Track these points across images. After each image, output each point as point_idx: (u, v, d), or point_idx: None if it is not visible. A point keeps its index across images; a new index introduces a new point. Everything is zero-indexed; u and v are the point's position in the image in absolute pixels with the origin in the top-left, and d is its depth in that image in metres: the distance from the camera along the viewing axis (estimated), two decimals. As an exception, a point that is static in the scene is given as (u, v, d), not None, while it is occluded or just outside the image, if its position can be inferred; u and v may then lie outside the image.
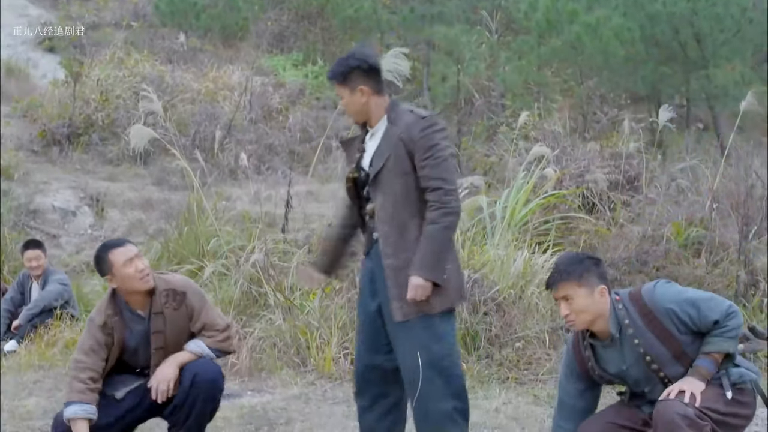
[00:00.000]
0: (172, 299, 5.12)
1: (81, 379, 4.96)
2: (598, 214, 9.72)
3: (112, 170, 13.80)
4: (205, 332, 5.15)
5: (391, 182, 4.74)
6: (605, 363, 4.35)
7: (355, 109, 4.84)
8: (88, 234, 12.06)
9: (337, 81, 4.86)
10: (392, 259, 4.72)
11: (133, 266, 4.98)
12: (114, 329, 5.05)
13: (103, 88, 14.98)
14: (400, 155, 4.72)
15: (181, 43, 18.02)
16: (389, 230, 4.74)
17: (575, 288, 4.23)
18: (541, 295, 7.78)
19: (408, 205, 4.73)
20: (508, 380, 7.09)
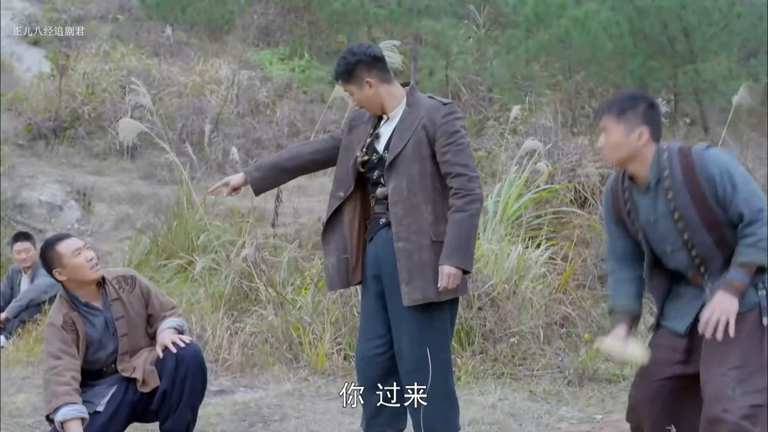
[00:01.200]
0: (124, 283, 5.18)
1: (62, 382, 4.90)
2: (590, 209, 9.66)
3: (98, 164, 13.69)
4: (165, 312, 5.24)
5: (409, 165, 4.74)
6: (637, 210, 4.18)
7: (369, 102, 4.84)
8: (75, 228, 11.95)
9: (343, 80, 4.84)
10: (405, 242, 4.72)
11: (82, 256, 5.03)
12: (75, 323, 5.05)
13: (89, 82, 14.86)
14: (421, 139, 4.74)
15: (168, 36, 17.87)
16: (403, 213, 4.73)
17: (614, 122, 4.09)
18: (535, 290, 7.74)
19: (423, 189, 4.74)
20: (503, 376, 7.04)
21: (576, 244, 8.68)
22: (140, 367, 5.08)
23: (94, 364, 5.15)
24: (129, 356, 5.16)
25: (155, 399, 5.05)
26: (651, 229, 4.16)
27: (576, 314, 7.77)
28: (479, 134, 15.07)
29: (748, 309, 3.99)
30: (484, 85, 17.18)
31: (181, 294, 8.52)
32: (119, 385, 5.10)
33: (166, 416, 5.09)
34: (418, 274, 4.68)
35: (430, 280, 4.69)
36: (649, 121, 4.11)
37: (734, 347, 3.94)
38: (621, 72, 16.25)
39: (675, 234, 4.09)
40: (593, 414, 6.22)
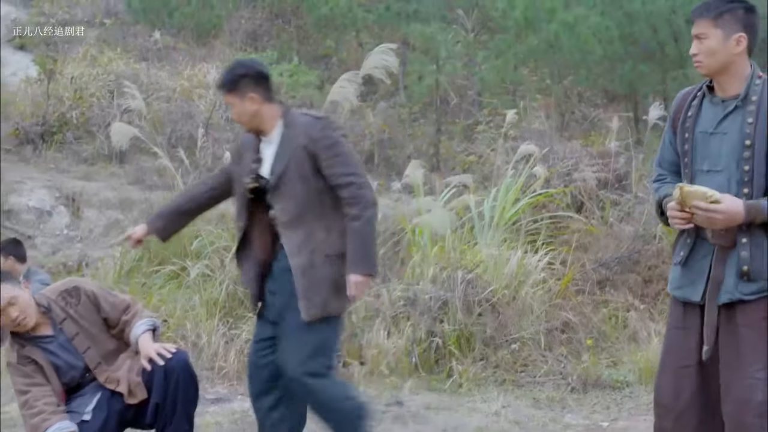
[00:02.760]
0: (69, 297, 5.04)
1: (35, 413, 4.79)
2: (587, 213, 9.61)
3: (87, 169, 13.52)
4: (125, 314, 5.08)
5: (293, 186, 4.72)
6: (697, 118, 3.98)
7: (246, 117, 4.80)
8: (65, 234, 11.80)
9: (226, 89, 4.82)
10: (297, 258, 4.70)
11: (7, 315, 4.84)
12: (31, 356, 4.91)
13: (77, 86, 14.71)
14: (301, 158, 4.71)
15: (155, 40, 17.75)
16: (293, 233, 4.73)
17: (710, 27, 3.88)
18: (535, 296, 7.67)
19: (311, 207, 4.74)
20: (505, 383, 6.97)
21: (575, 249, 8.61)
22: (125, 379, 4.95)
23: (71, 383, 5.02)
24: (106, 364, 5.02)
25: (148, 412, 4.93)
26: (702, 141, 3.95)
27: (577, 320, 7.70)
28: (469, 139, 15.03)
29: (759, 296, 3.81)
30: (473, 89, 17.14)
31: (175, 301, 8.38)
32: (102, 393, 4.98)
33: (162, 427, 4.99)
34: (316, 290, 4.68)
35: (327, 295, 4.71)
36: (747, 28, 3.91)
37: (758, 342, 3.79)
38: (611, 76, 16.20)
39: (730, 158, 3.86)
40: (599, 421, 6.16)
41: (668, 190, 4.02)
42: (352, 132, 14.73)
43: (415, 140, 15.39)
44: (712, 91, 3.98)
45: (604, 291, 8.40)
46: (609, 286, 8.46)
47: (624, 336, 7.75)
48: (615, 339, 7.75)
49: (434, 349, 7.28)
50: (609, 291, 8.39)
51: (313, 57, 19.64)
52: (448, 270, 7.65)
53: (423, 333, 7.29)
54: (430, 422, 6.08)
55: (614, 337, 7.79)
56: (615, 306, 8.13)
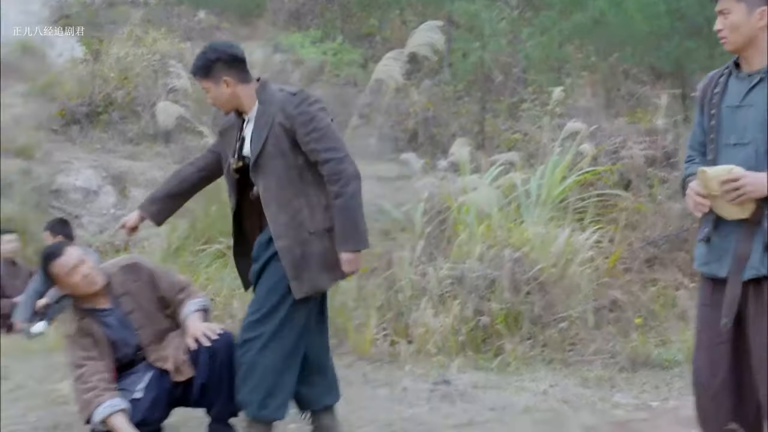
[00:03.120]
0: (128, 273, 5.10)
1: (88, 388, 4.84)
2: (635, 191, 9.51)
3: (132, 149, 13.61)
4: (180, 293, 5.13)
5: (272, 164, 4.68)
6: (723, 93, 3.95)
7: (222, 100, 4.78)
8: (111, 214, 11.89)
9: (200, 75, 4.78)
10: (284, 239, 4.67)
11: (77, 274, 4.96)
12: (90, 329, 4.97)
13: (122, 66, 14.78)
14: (279, 135, 4.66)
15: (199, 20, 17.78)
16: (276, 211, 4.68)
17: (733, 2, 3.87)
18: (583, 274, 7.60)
19: (291, 183, 4.69)
20: (552, 362, 6.92)
21: (622, 228, 8.52)
22: (172, 357, 4.98)
23: (123, 359, 5.07)
24: (157, 343, 5.07)
25: (194, 391, 4.95)
26: (728, 115, 3.92)
27: (625, 298, 7.63)
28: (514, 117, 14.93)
29: None
30: (518, 67, 17.02)
31: (222, 279, 8.40)
32: (154, 372, 5.02)
33: (210, 405, 5.00)
34: (304, 268, 4.66)
35: (317, 271, 4.69)
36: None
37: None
38: (657, 53, 16.01)
39: (753, 129, 3.83)
40: (648, 401, 6.09)
41: (693, 169, 4.02)
42: (396, 110, 14.71)
43: (459, 118, 15.33)
44: (739, 68, 3.96)
45: (652, 269, 8.32)
46: (657, 265, 8.39)
47: (673, 315, 7.68)
48: (664, 318, 7.68)
49: (481, 328, 7.24)
50: (657, 269, 8.32)
51: (356, 35, 19.58)
52: (495, 248, 7.60)
53: (470, 312, 7.25)
54: (477, 401, 6.04)
55: (663, 316, 7.72)
56: (664, 284, 8.06)
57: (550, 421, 5.62)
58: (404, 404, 6.01)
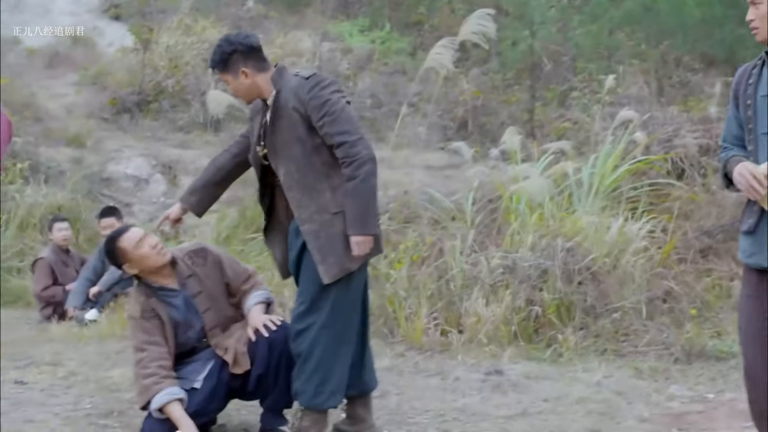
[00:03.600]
0: (196, 257, 5.09)
1: (148, 374, 4.82)
2: (688, 180, 9.39)
3: (182, 137, 13.68)
4: (244, 282, 5.12)
5: (290, 148, 4.67)
6: (757, 83, 3.91)
7: (242, 91, 4.80)
8: (161, 202, 11.96)
9: (218, 69, 4.80)
10: (308, 224, 4.67)
11: (145, 245, 4.94)
12: (155, 310, 4.96)
13: (172, 55, 14.86)
14: (293, 120, 4.66)
15: (248, 9, 17.82)
16: (300, 196, 4.69)
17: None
18: (636, 264, 7.52)
19: (311, 169, 4.68)
20: (606, 352, 6.84)
21: (676, 217, 8.42)
22: (232, 348, 4.97)
23: (186, 344, 5.06)
24: (220, 330, 5.07)
25: (250, 382, 4.95)
26: (763, 105, 3.86)
27: (679, 289, 7.54)
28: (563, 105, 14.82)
29: None
30: (568, 55, 16.88)
31: (272, 269, 8.41)
32: (215, 362, 5.01)
33: (264, 396, 5.01)
34: (330, 250, 4.65)
35: (342, 253, 4.66)
36: None
37: None
38: (709, 40, 15.83)
39: None
40: (704, 393, 6.00)
41: (732, 153, 4.00)
42: (445, 99, 14.65)
43: (508, 107, 15.24)
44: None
45: (706, 259, 8.22)
46: (712, 255, 8.28)
47: (728, 306, 7.57)
48: (719, 309, 7.58)
49: (533, 317, 7.19)
50: (712, 259, 8.21)
51: (404, 24, 19.53)
52: (547, 238, 7.54)
53: (522, 301, 7.20)
54: (530, 391, 5.98)
55: (718, 307, 7.62)
56: (718, 275, 7.96)
57: (604, 412, 5.55)
58: (456, 394, 5.98)
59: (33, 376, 6.54)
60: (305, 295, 4.76)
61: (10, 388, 6.08)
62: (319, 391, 4.73)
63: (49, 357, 7.18)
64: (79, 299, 9.19)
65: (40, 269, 9.48)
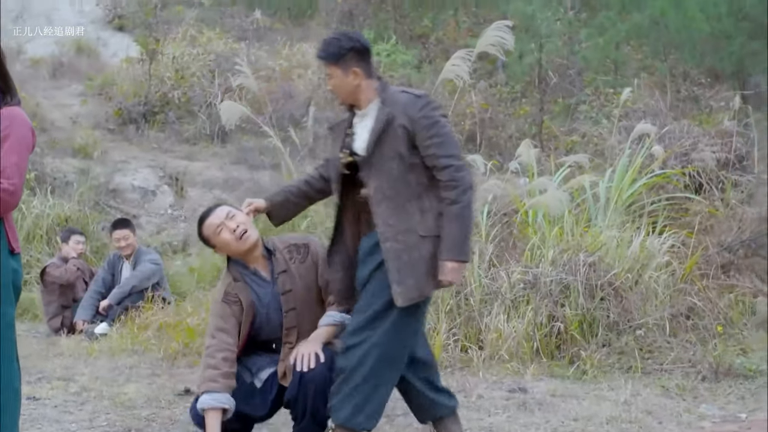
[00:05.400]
0: (296, 253, 4.87)
1: (212, 364, 4.66)
2: (705, 195, 9.27)
3: (189, 149, 13.56)
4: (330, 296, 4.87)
5: (387, 164, 4.53)
6: None
7: (345, 91, 4.62)
8: (169, 214, 11.84)
9: (330, 61, 4.59)
10: (392, 242, 4.50)
11: (225, 231, 4.72)
12: (239, 295, 4.75)
13: (178, 66, 14.75)
14: (397, 136, 4.53)
15: (253, 20, 17.72)
16: (387, 213, 4.53)
17: None
18: (659, 280, 7.39)
19: (406, 186, 4.55)
20: (631, 370, 6.70)
21: (696, 232, 8.29)
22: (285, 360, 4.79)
23: (259, 335, 4.87)
24: (297, 331, 4.82)
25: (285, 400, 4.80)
26: None
27: (702, 305, 7.40)
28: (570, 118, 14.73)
29: None
30: (574, 68, 16.80)
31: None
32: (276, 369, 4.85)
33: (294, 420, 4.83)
34: (410, 273, 4.48)
35: (422, 277, 4.52)
36: None
37: None
38: (719, 54, 15.76)
39: None
40: (736, 412, 5.85)
41: None
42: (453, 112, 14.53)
43: (516, 120, 15.14)
44: None
45: (728, 275, 8.09)
46: (733, 270, 8.15)
47: (752, 323, 7.45)
48: (743, 326, 7.46)
49: (555, 334, 7.05)
50: (734, 275, 8.08)
51: (409, 36, 19.46)
52: (568, 252, 7.40)
53: (544, 317, 7.06)
54: (558, 411, 5.84)
55: (741, 324, 7.49)
56: (741, 291, 7.83)
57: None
58: (481, 412, 5.83)
59: (45, 391, 6.41)
60: (366, 310, 4.57)
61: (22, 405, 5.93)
62: (357, 411, 4.54)
63: (60, 372, 7.06)
64: (88, 313, 9.06)
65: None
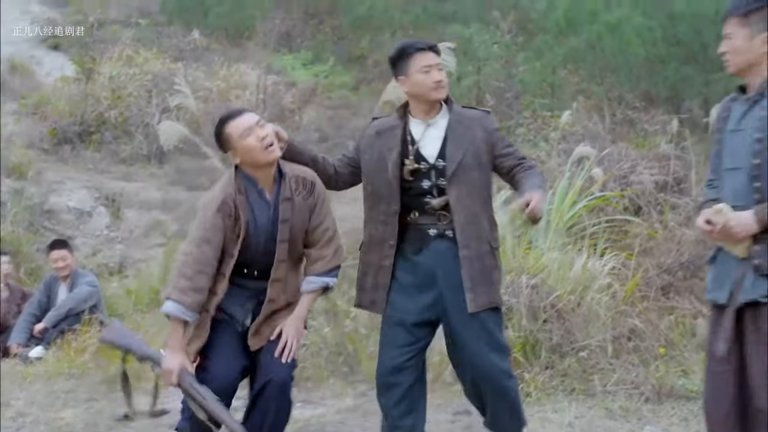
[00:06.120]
0: (302, 186, 4.66)
1: (187, 275, 4.41)
2: (645, 217, 9.35)
3: (126, 169, 13.42)
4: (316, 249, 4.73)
5: (470, 174, 4.66)
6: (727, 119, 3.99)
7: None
8: (105, 235, 11.68)
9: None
10: (467, 249, 4.65)
11: (253, 135, 4.47)
12: (237, 209, 4.53)
13: (114, 86, 14.60)
14: (479, 148, 4.69)
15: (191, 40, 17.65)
16: (465, 221, 4.65)
17: (737, 27, 3.88)
18: (601, 302, 7.41)
19: (480, 197, 4.71)
20: (574, 392, 6.70)
21: (636, 254, 8.34)
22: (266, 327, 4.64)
23: (244, 257, 4.61)
24: (285, 266, 4.66)
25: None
26: (729, 139, 3.95)
27: (644, 327, 7.44)
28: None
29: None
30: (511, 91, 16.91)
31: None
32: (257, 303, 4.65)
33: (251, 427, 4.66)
34: (481, 281, 4.65)
35: (492, 285, 4.71)
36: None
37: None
38: (653, 79, 15.96)
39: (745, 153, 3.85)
40: (679, 433, 5.89)
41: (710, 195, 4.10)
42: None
43: (454, 142, 15.17)
44: (744, 92, 4.00)
45: (668, 297, 8.13)
46: (673, 292, 8.20)
47: (692, 344, 7.48)
48: (683, 347, 7.49)
49: (505, 356, 7.02)
50: (674, 297, 8.13)
51: (347, 58, 19.47)
52: (511, 275, 7.39)
53: (488, 340, 7.03)
54: (502, 433, 5.82)
55: (682, 345, 7.52)
56: (681, 312, 7.87)
57: (580, 454, 5.42)
58: (427, 436, 5.80)
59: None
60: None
61: (-43, 430, 5.81)
62: None
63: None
64: (22, 336, 8.88)
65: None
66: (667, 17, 15.54)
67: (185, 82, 10.49)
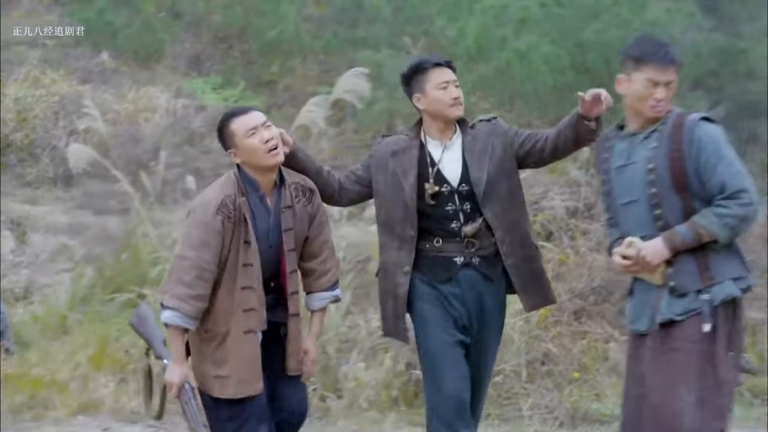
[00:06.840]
0: (302, 194, 4.58)
1: (186, 282, 4.27)
2: (556, 242, 9.46)
3: (31, 193, 13.10)
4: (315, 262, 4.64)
5: (499, 189, 4.67)
6: (611, 156, 4.21)
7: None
8: (10, 260, 11.35)
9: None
10: (511, 258, 4.72)
11: (258, 136, 4.40)
12: (239, 211, 4.37)
13: (20, 108, 14.29)
14: (501, 158, 4.67)
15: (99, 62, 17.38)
16: (503, 234, 4.67)
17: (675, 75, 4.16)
18: (515, 326, 7.45)
19: (515, 204, 4.77)
20: (489, 417, 6.72)
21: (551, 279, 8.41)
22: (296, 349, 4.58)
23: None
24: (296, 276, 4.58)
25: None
26: (617, 176, 4.15)
27: (557, 351, 7.50)
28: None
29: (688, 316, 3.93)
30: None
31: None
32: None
33: None
34: (531, 282, 4.79)
35: (544, 285, 4.88)
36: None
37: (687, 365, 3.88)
38: (562, 105, 16.15)
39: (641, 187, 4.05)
40: (595, 457, 5.93)
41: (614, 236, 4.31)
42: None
43: (366, 167, 15.15)
44: (622, 129, 4.28)
45: (580, 322, 8.24)
46: (585, 317, 8.31)
47: (604, 368, 7.59)
48: (596, 371, 7.58)
49: (414, 381, 7.02)
50: (586, 322, 8.24)
51: (257, 82, 19.34)
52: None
53: (403, 365, 7.04)
54: (419, 459, 5.82)
55: (595, 369, 7.62)
56: (594, 337, 7.98)
57: (498, 479, 5.41)
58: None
59: None
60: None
61: None
62: None
63: None
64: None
65: None
66: (576, 45, 15.73)
67: (93, 105, 10.34)
